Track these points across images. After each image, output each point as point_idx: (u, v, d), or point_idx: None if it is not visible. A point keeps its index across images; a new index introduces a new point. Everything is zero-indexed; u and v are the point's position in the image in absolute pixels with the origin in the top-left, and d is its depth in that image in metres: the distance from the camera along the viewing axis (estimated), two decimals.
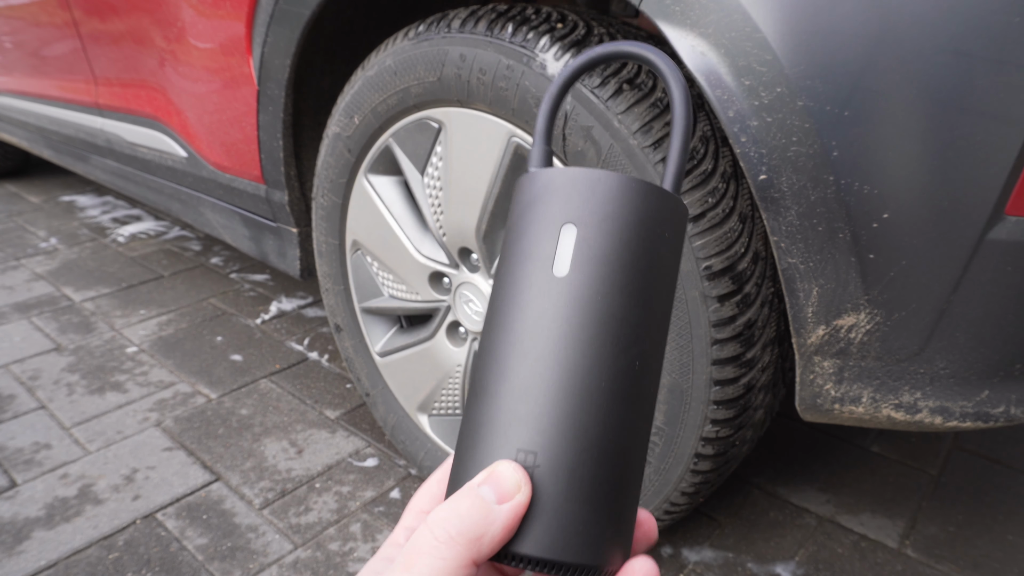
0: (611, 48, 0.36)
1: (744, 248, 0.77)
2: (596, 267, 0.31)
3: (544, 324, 0.31)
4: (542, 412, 0.30)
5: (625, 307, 0.31)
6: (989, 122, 0.59)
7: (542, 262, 0.32)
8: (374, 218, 1.10)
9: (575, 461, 0.30)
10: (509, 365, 0.31)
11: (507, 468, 0.30)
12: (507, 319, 0.32)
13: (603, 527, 0.30)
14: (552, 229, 0.32)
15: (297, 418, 1.41)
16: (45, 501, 1.19)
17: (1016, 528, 1.13)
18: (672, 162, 0.35)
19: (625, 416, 0.31)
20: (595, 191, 0.32)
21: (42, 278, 2.07)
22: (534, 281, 0.32)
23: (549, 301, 0.31)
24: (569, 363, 0.30)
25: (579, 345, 0.31)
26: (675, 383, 0.82)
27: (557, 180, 0.33)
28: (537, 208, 0.33)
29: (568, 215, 0.32)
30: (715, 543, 1.10)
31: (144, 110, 1.55)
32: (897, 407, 0.74)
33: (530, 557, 0.30)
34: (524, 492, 0.29)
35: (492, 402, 0.31)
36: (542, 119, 0.37)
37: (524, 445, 0.30)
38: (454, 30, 0.88)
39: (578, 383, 0.30)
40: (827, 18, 0.61)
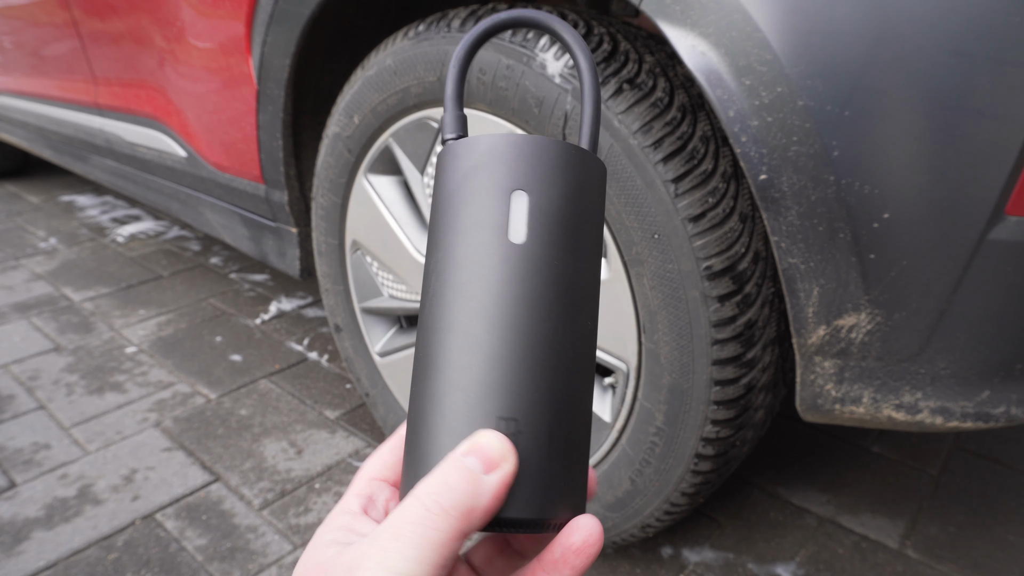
0: (514, 15, 0.37)
1: (744, 248, 0.77)
2: (551, 232, 0.32)
3: (508, 291, 0.31)
4: (518, 378, 0.31)
5: (578, 269, 0.33)
6: (989, 122, 0.59)
7: (496, 230, 0.32)
8: (374, 218, 1.10)
9: (552, 423, 0.31)
10: (475, 334, 0.31)
11: (491, 438, 0.30)
12: (464, 288, 0.32)
13: (578, 480, 0.32)
14: (503, 196, 0.32)
15: (297, 418, 1.41)
16: (44, 501, 1.19)
17: (1017, 528, 1.13)
18: (587, 124, 0.36)
19: (585, 375, 0.33)
20: (541, 156, 0.33)
21: (41, 278, 2.07)
22: (491, 249, 0.32)
23: (509, 268, 0.31)
24: (537, 328, 0.31)
25: (543, 310, 0.31)
26: (675, 383, 0.82)
27: (500, 146, 0.33)
28: (481, 175, 0.33)
29: (517, 181, 0.32)
30: (715, 543, 1.10)
31: (144, 110, 1.55)
32: (898, 407, 0.74)
33: (520, 520, 0.30)
34: (510, 461, 0.30)
35: (461, 372, 0.31)
36: (451, 83, 0.36)
37: (504, 412, 0.31)
38: (454, 30, 0.88)
39: (547, 347, 0.31)
40: (827, 18, 0.61)
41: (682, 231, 0.75)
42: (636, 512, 0.94)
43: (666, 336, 0.81)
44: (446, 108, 0.37)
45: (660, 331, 0.81)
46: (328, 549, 0.30)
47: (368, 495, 0.34)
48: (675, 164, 0.74)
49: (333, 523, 0.32)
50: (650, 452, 0.88)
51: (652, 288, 0.80)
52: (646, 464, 0.89)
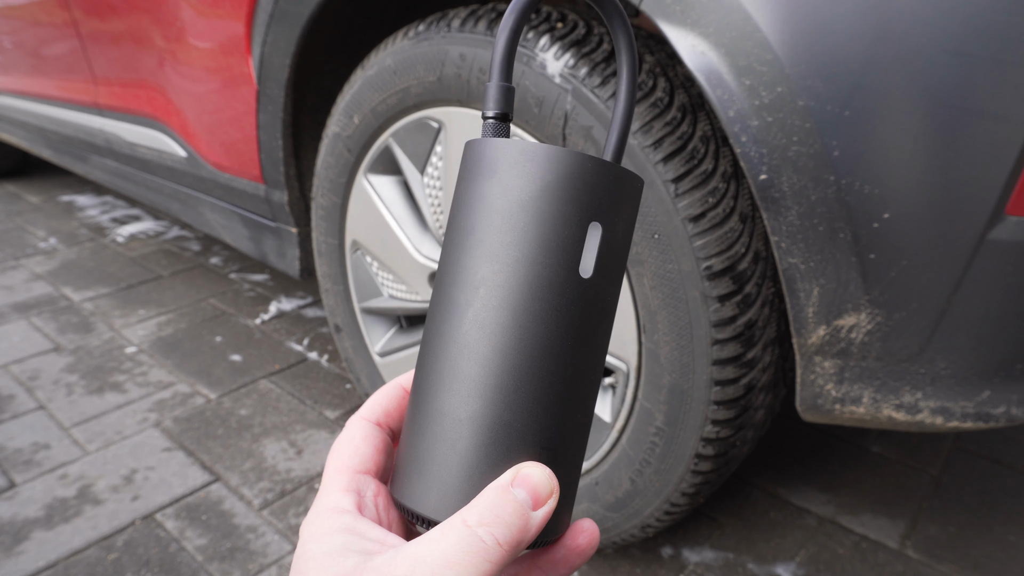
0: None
1: (745, 248, 0.77)
2: (611, 266, 0.32)
3: (567, 325, 0.31)
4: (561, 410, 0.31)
5: (615, 298, 0.33)
6: (989, 122, 0.59)
7: (569, 262, 0.30)
8: (374, 218, 1.10)
9: (579, 450, 0.33)
10: (528, 364, 0.30)
11: (539, 472, 0.30)
12: (525, 314, 0.30)
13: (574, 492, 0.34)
14: (579, 226, 0.30)
15: (297, 418, 1.41)
16: (44, 501, 1.19)
17: (1017, 528, 1.13)
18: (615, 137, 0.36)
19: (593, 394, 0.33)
20: (614, 187, 0.31)
21: (41, 278, 2.07)
22: (561, 282, 0.31)
23: (576, 305, 0.31)
24: (581, 363, 0.32)
25: (591, 343, 0.32)
26: (675, 383, 0.82)
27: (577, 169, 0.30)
28: (561, 198, 0.30)
29: (593, 212, 0.31)
30: (716, 544, 1.10)
31: (143, 110, 1.55)
32: (898, 407, 0.74)
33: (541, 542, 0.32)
34: (556, 497, 0.30)
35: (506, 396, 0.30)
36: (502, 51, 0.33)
37: (548, 443, 0.31)
38: (454, 30, 0.88)
39: (586, 379, 0.32)
40: (828, 18, 0.61)
41: (682, 231, 0.75)
42: (636, 512, 0.94)
43: (666, 336, 0.81)
44: (491, 77, 0.33)
45: (660, 331, 0.81)
46: (346, 558, 0.29)
47: (357, 491, 0.32)
48: (675, 164, 0.74)
49: (333, 524, 0.30)
50: (650, 452, 0.88)
51: (652, 288, 0.80)
52: (646, 464, 0.89)
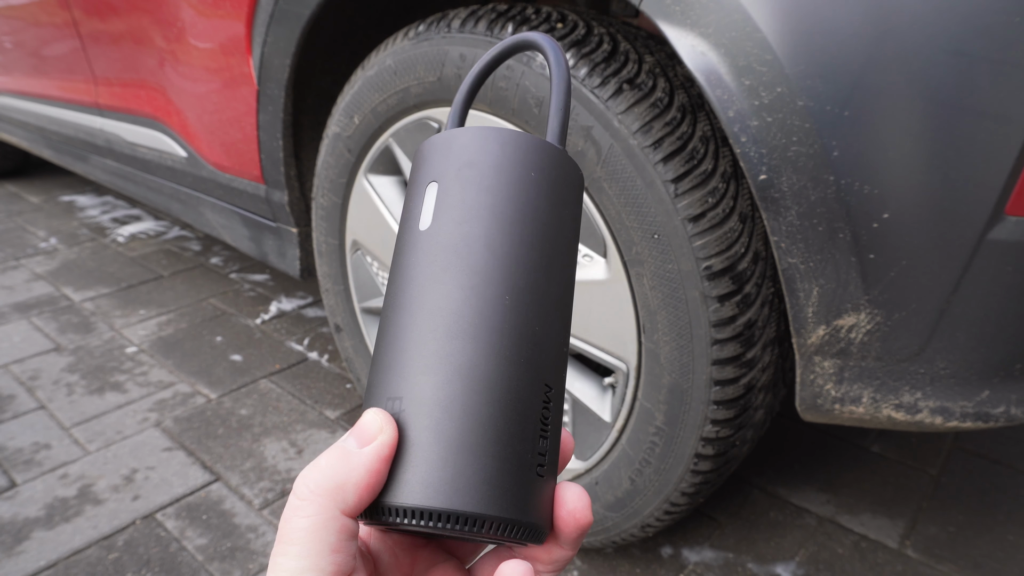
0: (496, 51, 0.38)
1: (744, 248, 0.77)
2: (453, 213, 0.32)
3: (409, 276, 0.32)
4: (406, 357, 0.30)
5: (485, 245, 0.31)
6: (989, 122, 0.59)
7: (412, 221, 0.33)
8: (374, 218, 1.10)
9: (441, 401, 0.29)
10: (385, 323, 0.32)
11: (368, 414, 0.29)
12: (388, 283, 0.33)
13: (484, 472, 0.28)
14: (421, 190, 0.34)
15: (297, 418, 1.41)
16: (45, 501, 1.19)
17: (1016, 528, 1.13)
18: (552, 115, 0.36)
19: (500, 354, 0.30)
20: (451, 145, 0.34)
21: (42, 278, 2.07)
22: (405, 239, 0.33)
23: (413, 254, 0.32)
24: (430, 306, 0.31)
25: (438, 287, 0.31)
26: (675, 383, 0.82)
27: (424, 148, 0.35)
28: (412, 177, 0.35)
29: (432, 174, 0.34)
30: (715, 543, 1.10)
31: (144, 110, 1.55)
32: (897, 407, 0.74)
33: (400, 507, 0.28)
34: (386, 433, 0.28)
35: (374, 361, 0.32)
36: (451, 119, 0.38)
37: (392, 393, 0.30)
38: (454, 30, 0.88)
39: (439, 323, 0.30)
40: (827, 18, 0.61)
41: (682, 231, 0.75)
42: (636, 512, 0.94)
43: (666, 336, 0.81)
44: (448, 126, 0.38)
45: (660, 331, 0.81)
46: None
47: None
48: (675, 164, 0.74)
49: None
50: (650, 452, 0.88)
51: (652, 288, 0.80)
52: (646, 464, 0.89)
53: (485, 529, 0.28)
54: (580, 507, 0.30)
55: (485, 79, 0.39)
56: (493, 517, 0.28)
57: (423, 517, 0.28)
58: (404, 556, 0.33)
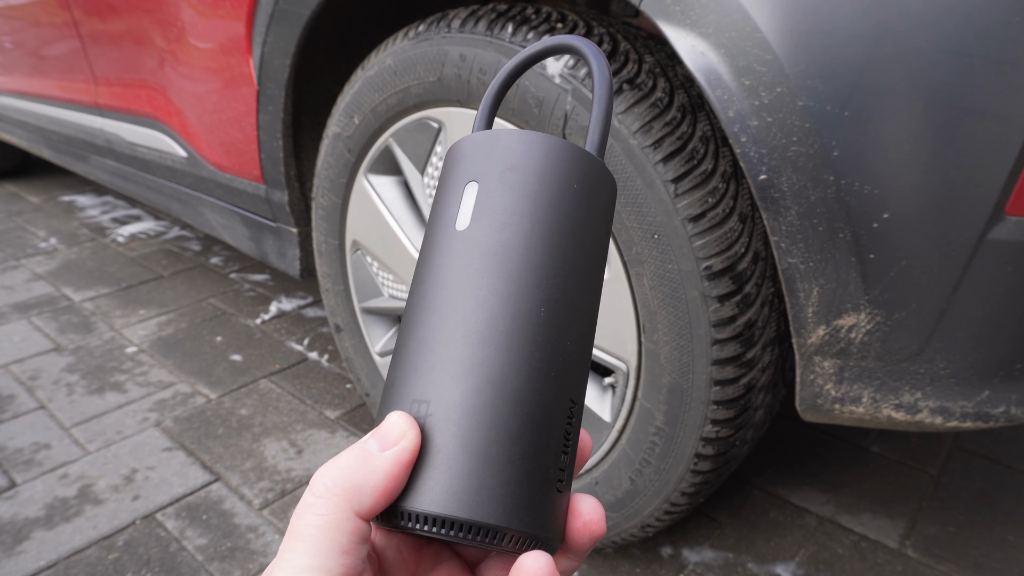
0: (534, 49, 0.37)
1: (744, 248, 0.77)
2: (494, 216, 0.31)
3: (443, 276, 0.31)
4: (435, 360, 0.29)
5: (524, 253, 0.31)
6: (989, 122, 0.59)
7: (447, 219, 0.32)
8: (374, 218, 1.10)
9: (470, 409, 0.28)
10: (412, 322, 0.31)
11: (393, 417, 0.28)
12: (416, 281, 0.32)
13: (505, 484, 0.28)
14: (458, 188, 0.33)
15: (297, 418, 1.41)
16: (45, 501, 1.19)
17: (1016, 528, 1.13)
18: (593, 124, 0.35)
19: (530, 365, 0.29)
20: (495, 147, 0.33)
21: (42, 278, 2.07)
22: (439, 238, 0.32)
23: (448, 254, 0.31)
24: (464, 310, 0.30)
25: (474, 291, 0.30)
26: (675, 383, 0.82)
27: (464, 144, 0.34)
28: (447, 174, 0.34)
29: (472, 173, 0.33)
30: (715, 543, 1.10)
31: (144, 110, 1.55)
32: (897, 407, 0.74)
33: (419, 513, 0.28)
34: (409, 438, 0.27)
35: (396, 362, 0.31)
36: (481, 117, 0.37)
37: (418, 395, 0.29)
38: (454, 30, 0.88)
39: (472, 329, 0.29)
40: (827, 18, 0.61)
41: (682, 231, 0.75)
42: (636, 512, 0.94)
43: (666, 336, 0.81)
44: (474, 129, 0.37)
45: (660, 331, 0.81)
46: None
47: None
48: (675, 164, 0.74)
49: None
50: (650, 452, 0.88)
51: (652, 288, 0.80)
52: (646, 464, 0.89)
53: (503, 542, 0.28)
54: (595, 519, 0.30)
55: (517, 77, 0.38)
56: (513, 531, 0.28)
57: (444, 525, 0.27)
58: (409, 554, 0.33)
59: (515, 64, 0.37)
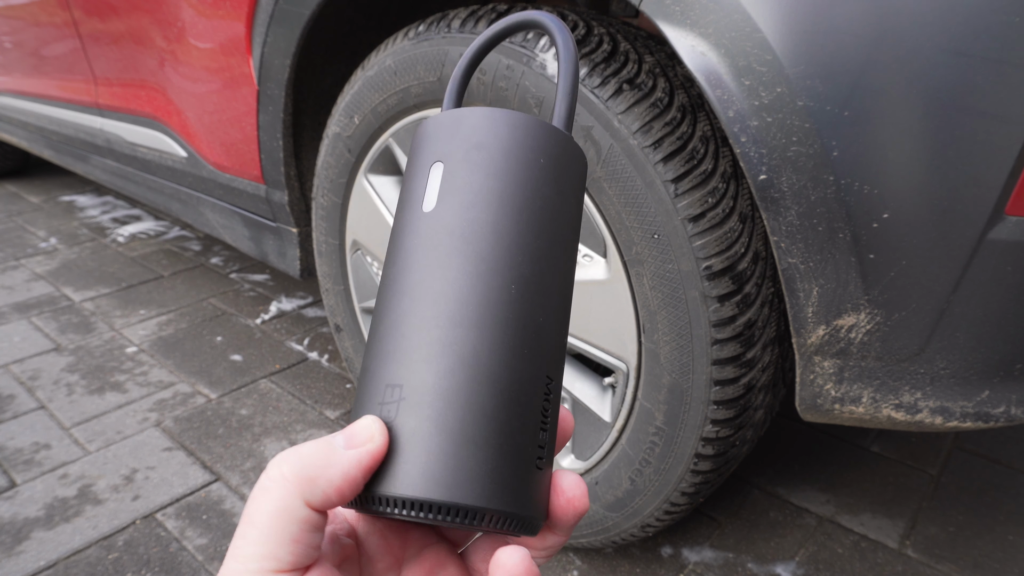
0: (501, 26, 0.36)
1: (744, 248, 0.77)
2: (460, 196, 0.31)
3: (411, 259, 0.30)
4: (407, 343, 0.29)
5: (493, 232, 0.30)
6: (989, 122, 0.59)
7: (414, 201, 0.32)
8: (374, 218, 1.10)
9: (444, 391, 0.28)
10: (383, 306, 0.31)
11: (365, 419, 0.28)
12: (386, 264, 0.32)
13: (484, 464, 0.28)
14: (424, 170, 0.32)
15: (297, 418, 1.41)
16: (45, 501, 1.19)
17: (1017, 528, 1.13)
18: (559, 99, 0.34)
19: (504, 344, 0.29)
20: (460, 127, 0.32)
21: (42, 278, 2.07)
22: (406, 221, 0.32)
23: (416, 237, 0.31)
24: (434, 292, 0.29)
25: (443, 272, 0.30)
26: (675, 383, 0.82)
27: (428, 126, 0.33)
28: (413, 156, 0.33)
29: (437, 153, 0.32)
30: (715, 543, 1.10)
31: (144, 110, 1.55)
32: (897, 407, 0.74)
33: (392, 497, 0.27)
34: (376, 442, 0.27)
35: (369, 348, 0.31)
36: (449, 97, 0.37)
37: (391, 379, 0.29)
38: (454, 30, 0.88)
39: (443, 310, 0.29)
40: (827, 18, 0.61)
41: (682, 231, 0.75)
42: (636, 512, 0.94)
43: (666, 336, 0.81)
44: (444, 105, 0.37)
45: (660, 331, 0.81)
46: None
47: None
48: (675, 164, 0.74)
49: None
50: (650, 452, 0.88)
51: (652, 288, 0.80)
52: (646, 464, 0.89)
53: (484, 522, 0.28)
54: (578, 495, 0.30)
55: (483, 56, 0.37)
56: (493, 511, 0.28)
57: (422, 509, 0.27)
58: (394, 538, 0.33)
59: (481, 42, 0.37)
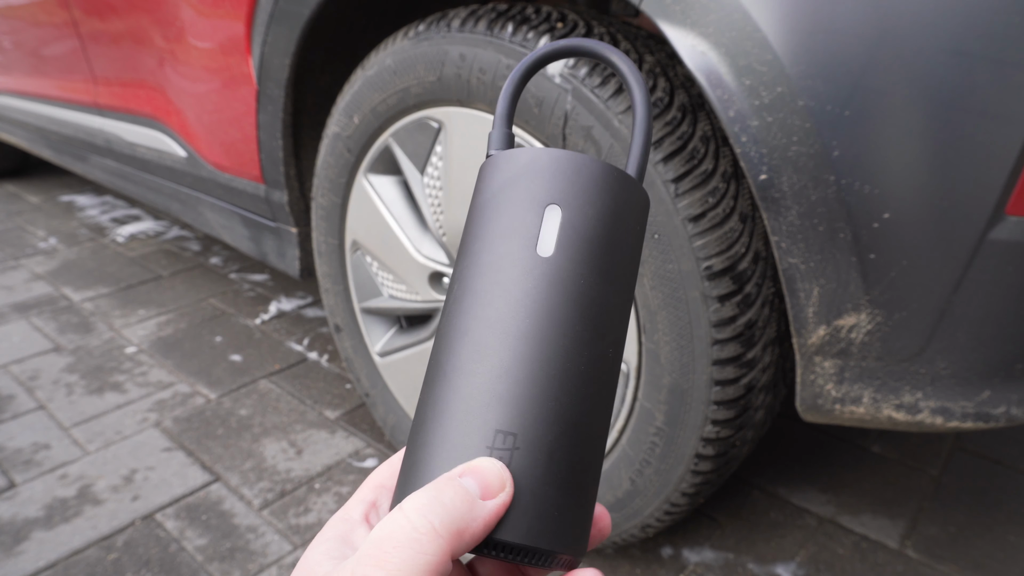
0: (574, 43, 0.36)
1: (745, 248, 0.77)
2: (580, 249, 0.31)
3: (527, 303, 0.30)
4: (522, 391, 0.29)
5: (604, 293, 0.31)
6: (989, 122, 0.59)
7: (525, 241, 0.31)
8: (374, 218, 1.10)
9: (555, 445, 0.29)
10: (487, 344, 0.30)
11: (490, 464, 0.28)
12: (484, 297, 0.31)
13: (574, 514, 0.30)
14: (536, 209, 0.31)
15: (297, 418, 1.41)
16: (44, 501, 1.19)
17: (1017, 529, 1.13)
18: (636, 153, 0.35)
19: (598, 403, 0.31)
20: (580, 174, 0.32)
21: (41, 278, 2.07)
22: (516, 260, 0.31)
23: (532, 281, 0.30)
24: (551, 344, 0.30)
25: (562, 327, 0.30)
26: (675, 383, 0.82)
27: (540, 160, 0.32)
28: (518, 187, 0.32)
29: (552, 196, 0.31)
30: (716, 544, 1.10)
31: (143, 110, 1.55)
32: (898, 407, 0.74)
33: (507, 544, 0.28)
34: (508, 492, 0.28)
35: (466, 381, 0.30)
36: (503, 103, 0.36)
37: (503, 426, 0.29)
38: (454, 30, 0.88)
39: (559, 365, 0.30)
40: (828, 17, 0.61)
41: (682, 231, 0.75)
42: (636, 512, 0.94)
43: (666, 336, 0.81)
44: (494, 126, 0.36)
45: (660, 331, 0.81)
46: (321, 565, 0.28)
47: (372, 501, 0.32)
48: (675, 164, 0.74)
49: (329, 531, 0.30)
50: (650, 452, 0.88)
51: (652, 288, 0.80)
52: (646, 464, 0.89)
53: (562, 566, 0.30)
54: (606, 524, 0.34)
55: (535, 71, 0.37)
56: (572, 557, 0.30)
57: (527, 555, 0.29)
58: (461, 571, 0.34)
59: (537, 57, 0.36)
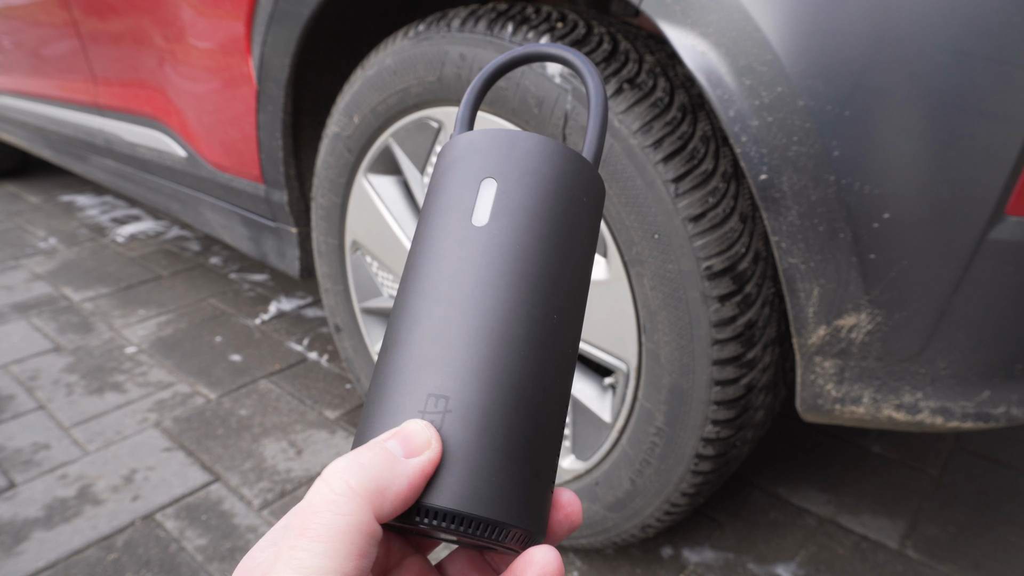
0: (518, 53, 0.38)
1: (745, 248, 0.77)
2: (515, 218, 0.32)
3: (461, 270, 0.31)
4: (454, 355, 0.29)
5: (543, 259, 0.31)
6: (989, 122, 0.59)
7: (461, 213, 0.32)
8: (374, 218, 1.10)
9: (488, 407, 0.29)
10: (423, 312, 0.31)
11: (416, 424, 0.28)
12: (423, 269, 0.32)
13: (517, 483, 0.29)
14: (472, 183, 0.33)
15: (296, 418, 1.41)
16: (44, 502, 1.19)
17: (1017, 529, 1.13)
18: (591, 136, 0.36)
19: (541, 369, 0.30)
20: (515, 148, 0.33)
21: (41, 278, 2.07)
22: (452, 231, 0.32)
23: (466, 249, 0.31)
24: (484, 308, 0.30)
25: (495, 291, 0.30)
26: (676, 383, 0.82)
27: (478, 140, 0.34)
28: (458, 166, 0.33)
29: (488, 170, 0.33)
30: (716, 544, 1.10)
31: (143, 110, 1.55)
32: (898, 407, 0.74)
33: (438, 509, 0.27)
34: (434, 449, 0.27)
35: (403, 350, 0.30)
36: (464, 109, 0.38)
37: (435, 389, 0.29)
38: (454, 30, 0.88)
39: (493, 328, 0.30)
40: (828, 18, 0.61)
41: (682, 231, 0.75)
42: (636, 512, 0.94)
43: (666, 336, 0.81)
44: (455, 127, 0.38)
45: (660, 331, 0.81)
46: (263, 551, 0.28)
47: None
48: (675, 164, 0.74)
49: (281, 521, 0.30)
50: (650, 452, 0.88)
51: (652, 288, 0.80)
52: (646, 464, 0.89)
53: (508, 538, 0.29)
54: (575, 510, 0.32)
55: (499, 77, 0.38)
56: (519, 529, 0.28)
57: (462, 523, 0.28)
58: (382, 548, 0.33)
59: (499, 64, 0.38)
